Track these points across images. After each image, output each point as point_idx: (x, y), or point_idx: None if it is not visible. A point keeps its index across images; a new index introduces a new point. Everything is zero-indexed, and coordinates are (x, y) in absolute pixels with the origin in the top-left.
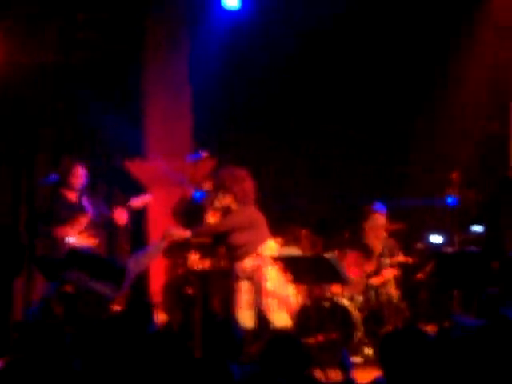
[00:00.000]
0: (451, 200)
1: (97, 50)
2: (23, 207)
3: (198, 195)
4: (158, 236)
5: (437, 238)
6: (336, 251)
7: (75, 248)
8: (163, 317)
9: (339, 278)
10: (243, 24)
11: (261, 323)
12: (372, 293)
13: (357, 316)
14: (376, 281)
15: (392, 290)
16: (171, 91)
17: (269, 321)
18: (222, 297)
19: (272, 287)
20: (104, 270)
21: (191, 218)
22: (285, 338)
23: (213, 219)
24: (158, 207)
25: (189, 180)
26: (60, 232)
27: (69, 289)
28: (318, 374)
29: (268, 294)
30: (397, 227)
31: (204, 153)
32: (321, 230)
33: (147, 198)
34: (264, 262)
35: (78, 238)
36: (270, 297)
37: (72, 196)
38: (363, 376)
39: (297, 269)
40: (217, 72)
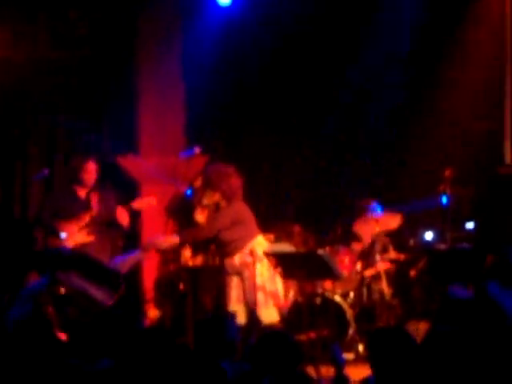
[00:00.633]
0: (445, 200)
1: (89, 47)
2: (17, 202)
3: (189, 192)
4: (152, 233)
5: (429, 235)
6: (328, 248)
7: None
8: (155, 313)
9: (332, 274)
10: (236, 20)
11: (251, 319)
12: (364, 289)
13: (349, 313)
14: (369, 273)
15: (384, 287)
16: (164, 87)
17: (258, 316)
18: (214, 293)
19: (261, 283)
20: (100, 274)
21: (184, 216)
22: (276, 335)
23: (201, 217)
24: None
25: (181, 176)
26: (62, 227)
27: (61, 290)
28: (310, 371)
29: (257, 290)
30: (389, 227)
31: (197, 148)
32: (313, 227)
33: (151, 201)
34: (254, 258)
35: (76, 235)
36: (260, 292)
37: (82, 192)
38: (356, 372)
39: (289, 265)
40: (209, 68)
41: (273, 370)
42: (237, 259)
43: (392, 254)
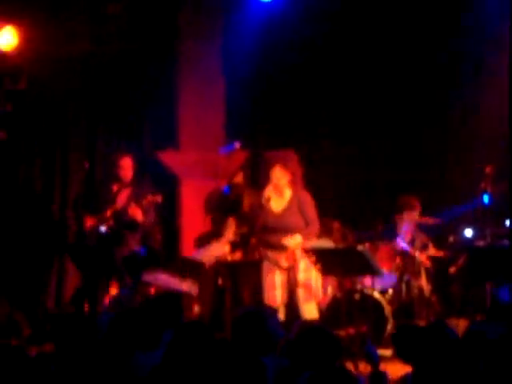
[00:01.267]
0: (487, 199)
1: (129, 42)
2: (57, 195)
3: (227, 190)
4: (191, 227)
5: (469, 232)
6: (368, 244)
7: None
8: (196, 308)
9: (371, 271)
10: (276, 16)
11: (290, 315)
12: (403, 286)
13: (387, 309)
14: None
15: (423, 284)
16: (204, 83)
17: (299, 312)
18: (253, 288)
19: (303, 279)
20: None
21: (223, 211)
22: (315, 330)
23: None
24: (191, 198)
25: (221, 172)
26: (88, 221)
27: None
28: (349, 367)
29: (299, 286)
30: (430, 221)
31: (237, 143)
32: (353, 223)
33: (157, 198)
34: (298, 253)
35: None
36: (302, 288)
37: (116, 188)
38: (394, 369)
39: (328, 261)
40: (249, 64)
41: (312, 366)
42: (281, 254)
43: (432, 251)
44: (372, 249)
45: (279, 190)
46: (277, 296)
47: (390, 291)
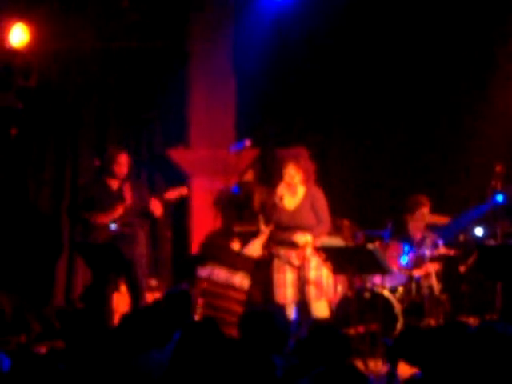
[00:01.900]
0: (501, 198)
1: (140, 38)
2: (67, 193)
3: (236, 189)
4: (201, 224)
5: (479, 231)
6: (378, 242)
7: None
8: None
9: (382, 269)
10: (287, 14)
11: (301, 313)
12: (413, 284)
13: (398, 307)
14: (418, 273)
15: (433, 282)
16: (215, 80)
17: (309, 310)
18: (264, 286)
19: (314, 277)
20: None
21: (233, 209)
22: (325, 328)
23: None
24: (201, 196)
25: (232, 169)
26: (96, 219)
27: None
28: (359, 365)
29: (310, 284)
30: (440, 220)
31: (247, 141)
32: (363, 221)
33: (183, 191)
34: (309, 251)
35: (112, 226)
36: (313, 286)
37: (114, 184)
38: (403, 368)
39: (339, 259)
40: (260, 62)
41: (322, 364)
42: (293, 251)
43: (442, 250)
44: (382, 247)
45: (292, 188)
46: (287, 294)
47: (400, 290)
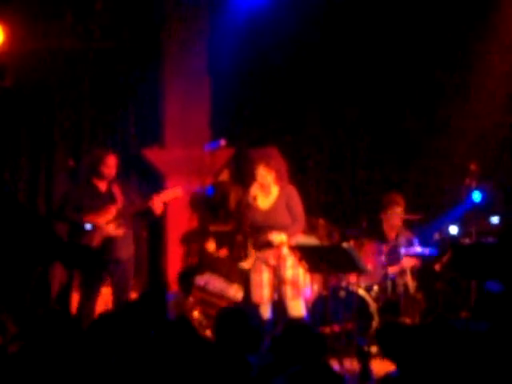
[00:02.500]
0: (478, 197)
1: (115, 39)
2: (41, 193)
3: (211, 191)
4: (176, 224)
5: (454, 229)
6: (353, 241)
7: None
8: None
9: (357, 268)
10: (262, 12)
11: (277, 312)
12: (388, 283)
13: (373, 306)
14: (393, 270)
15: (409, 281)
16: (190, 79)
17: (285, 309)
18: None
19: (290, 276)
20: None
21: (208, 209)
22: (300, 327)
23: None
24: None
25: (207, 169)
26: (89, 221)
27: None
28: (334, 364)
29: (286, 283)
30: (414, 218)
31: (222, 140)
32: (338, 220)
33: (178, 192)
34: (285, 251)
35: (106, 228)
36: (289, 285)
37: (102, 185)
38: (379, 366)
39: (314, 258)
40: (235, 60)
41: (296, 362)
42: (269, 251)
43: (417, 248)
44: (357, 246)
45: (266, 188)
46: (264, 294)
47: (376, 288)
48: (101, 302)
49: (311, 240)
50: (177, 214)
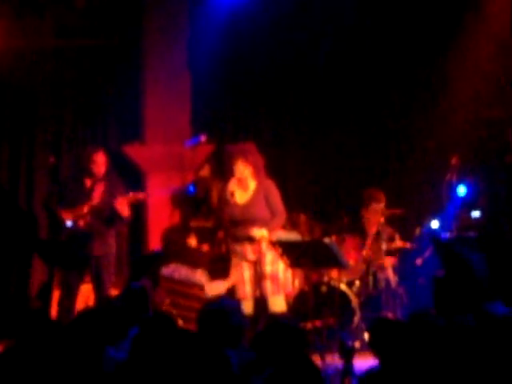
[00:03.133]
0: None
1: (95, 36)
2: (22, 190)
3: (192, 189)
4: (157, 221)
5: (435, 224)
6: (334, 236)
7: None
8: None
9: (338, 263)
10: (242, 9)
11: (259, 308)
12: (370, 278)
13: (355, 301)
14: (375, 266)
15: (390, 276)
16: (170, 76)
17: (266, 305)
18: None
19: (271, 271)
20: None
21: (189, 206)
22: (282, 323)
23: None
24: (157, 191)
25: (187, 165)
26: (62, 215)
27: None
28: (316, 359)
29: (267, 278)
30: (395, 212)
31: (203, 136)
32: (319, 216)
33: (141, 196)
34: (265, 246)
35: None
36: (269, 280)
37: (89, 183)
38: (361, 361)
39: (295, 253)
40: (215, 57)
41: (278, 358)
42: (248, 247)
43: (398, 243)
44: (338, 241)
45: (243, 183)
46: (246, 290)
47: (357, 283)
48: (82, 299)
49: (293, 236)
50: (157, 210)
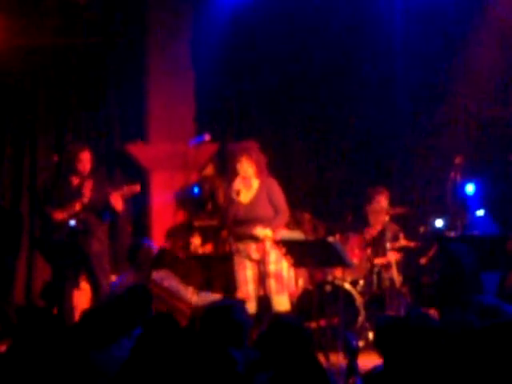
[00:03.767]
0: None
1: (99, 33)
2: (25, 189)
3: (197, 191)
4: (161, 219)
5: (439, 223)
6: (338, 235)
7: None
8: None
9: (342, 262)
10: (246, 8)
11: (262, 307)
12: (374, 277)
13: (359, 300)
14: (379, 261)
15: (394, 275)
16: (174, 75)
17: (270, 304)
18: (225, 281)
19: (275, 270)
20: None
21: (194, 204)
22: (286, 322)
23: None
24: (161, 190)
25: (191, 164)
26: (54, 215)
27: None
28: (320, 358)
29: (271, 277)
30: (399, 211)
31: (206, 135)
32: (323, 214)
33: (135, 189)
34: (269, 245)
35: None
36: (273, 279)
37: (76, 181)
38: (365, 360)
39: (299, 253)
40: (219, 55)
41: (283, 357)
42: (252, 245)
43: (402, 242)
44: (342, 240)
45: (247, 182)
46: (250, 290)
47: (361, 282)
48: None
49: (296, 234)
50: (161, 209)
